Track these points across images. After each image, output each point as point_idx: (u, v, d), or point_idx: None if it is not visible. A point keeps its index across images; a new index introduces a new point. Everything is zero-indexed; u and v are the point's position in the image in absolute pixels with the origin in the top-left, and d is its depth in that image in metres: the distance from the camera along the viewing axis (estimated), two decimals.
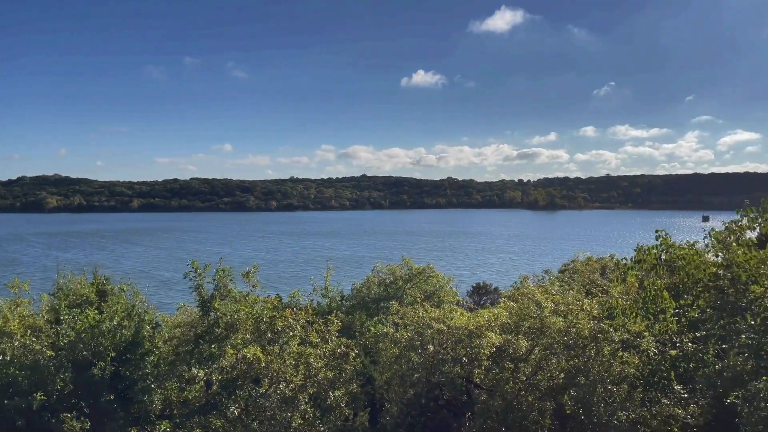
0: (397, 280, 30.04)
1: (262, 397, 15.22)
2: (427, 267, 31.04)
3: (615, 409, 17.44)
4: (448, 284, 31.38)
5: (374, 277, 30.87)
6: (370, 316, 26.45)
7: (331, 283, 30.40)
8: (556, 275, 37.95)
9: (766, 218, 15.68)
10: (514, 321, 20.05)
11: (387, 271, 30.90)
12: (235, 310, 16.13)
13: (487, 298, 57.14)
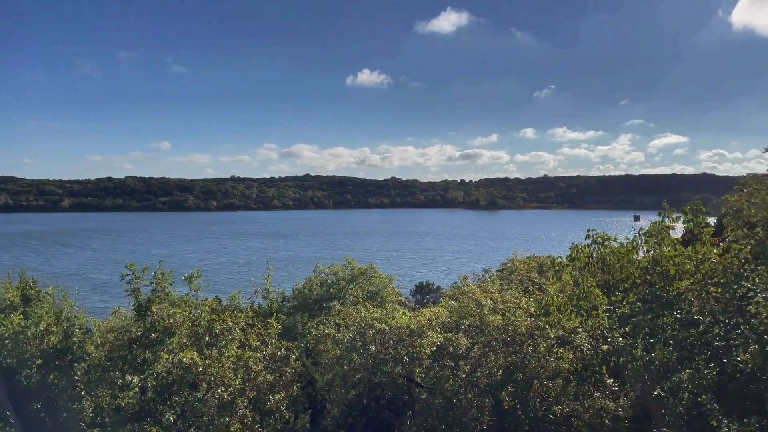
0: (339, 280, 29.99)
1: (200, 402, 14.86)
2: (369, 267, 31.12)
3: (550, 404, 17.99)
4: (390, 284, 31.56)
5: (316, 277, 30.71)
6: (312, 317, 26.30)
7: (272, 284, 30.05)
8: (496, 274, 38.78)
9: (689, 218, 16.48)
10: (454, 319, 20.38)
11: (329, 271, 30.81)
12: (171, 314, 15.67)
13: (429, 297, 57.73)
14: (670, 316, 11.98)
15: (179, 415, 14.48)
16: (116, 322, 23.32)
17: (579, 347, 19.10)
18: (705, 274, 11.58)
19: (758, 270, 11.04)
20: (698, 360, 11.51)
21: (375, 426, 18.39)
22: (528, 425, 17.43)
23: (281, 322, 22.48)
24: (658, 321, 12.32)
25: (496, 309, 20.25)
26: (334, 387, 19.07)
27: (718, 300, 11.15)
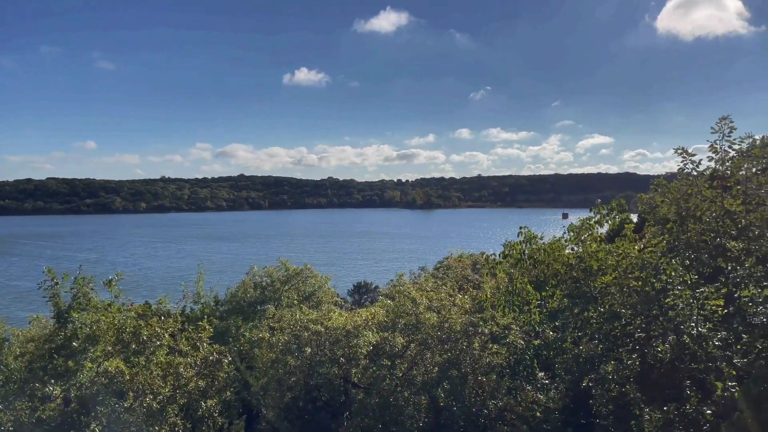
0: (274, 282, 29.54)
1: (127, 412, 14.24)
2: (305, 267, 30.82)
3: (485, 399, 18.33)
4: (326, 284, 31.37)
5: (250, 280, 30.13)
6: (246, 321, 25.77)
7: (205, 288, 29.26)
8: (432, 272, 39.25)
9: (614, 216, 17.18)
10: (390, 319, 20.44)
11: (263, 273, 30.30)
12: (94, 321, 14.95)
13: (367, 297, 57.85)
14: (595, 311, 12.44)
15: (105, 426, 13.82)
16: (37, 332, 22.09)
17: (512, 343, 19.59)
18: (626, 269, 12.10)
19: (672, 264, 11.62)
20: (621, 351, 12.00)
21: (311, 429, 18.20)
22: (463, 421, 17.70)
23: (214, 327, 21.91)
24: (584, 315, 12.77)
25: (431, 307, 20.46)
26: (269, 391, 18.74)
27: (638, 293, 11.66)
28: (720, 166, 12.03)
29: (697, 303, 11.40)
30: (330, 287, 32.18)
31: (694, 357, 11.16)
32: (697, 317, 11.23)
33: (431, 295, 20.82)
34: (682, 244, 11.70)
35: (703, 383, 11.54)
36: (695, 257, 11.74)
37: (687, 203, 11.71)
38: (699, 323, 11.22)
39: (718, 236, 11.44)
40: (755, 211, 11.29)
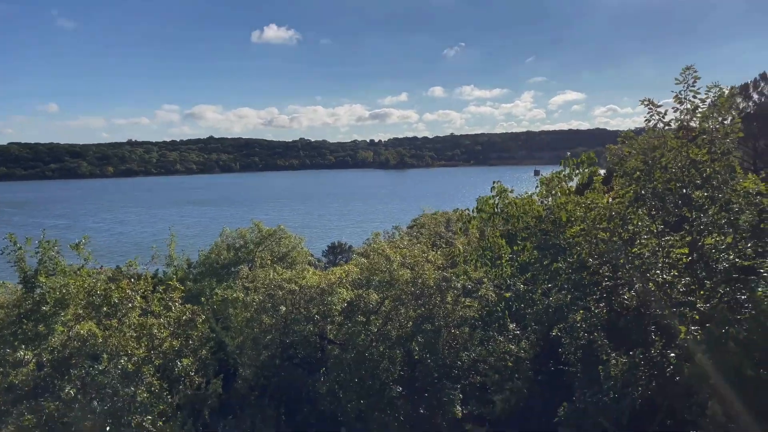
0: (247, 243, 29.40)
1: (101, 374, 14.19)
2: (278, 228, 30.69)
3: (458, 351, 18.74)
4: (300, 244, 31.33)
5: (223, 242, 29.93)
6: (219, 282, 25.70)
7: (177, 251, 28.99)
8: (406, 230, 39.46)
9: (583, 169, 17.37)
10: (365, 276, 20.58)
11: (236, 235, 30.10)
12: (63, 285, 14.72)
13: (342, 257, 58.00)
14: (564, 261, 12.68)
15: (79, 389, 13.77)
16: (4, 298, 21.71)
17: (484, 296, 19.95)
18: (594, 220, 12.30)
19: (639, 214, 11.86)
20: (590, 300, 12.30)
21: (287, 385, 18.44)
22: (437, 372, 18.11)
23: (188, 289, 21.82)
24: (554, 266, 13.01)
25: (405, 264, 20.64)
26: (245, 350, 18.87)
27: (605, 243, 11.90)
28: (685, 116, 12.16)
29: (662, 251, 11.69)
30: (304, 248, 32.17)
31: (659, 303, 11.50)
32: (662, 265, 11.53)
33: (405, 252, 20.96)
34: (648, 193, 11.91)
35: (667, 328, 11.92)
36: (661, 206, 11.97)
37: (653, 153, 11.87)
38: (664, 270, 11.53)
39: (683, 186, 11.66)
40: (719, 160, 11.50)
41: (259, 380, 17.92)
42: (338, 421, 17.34)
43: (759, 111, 42.59)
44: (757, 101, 44.92)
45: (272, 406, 16.67)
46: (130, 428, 13.90)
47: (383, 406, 17.21)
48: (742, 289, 10.32)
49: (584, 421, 11.12)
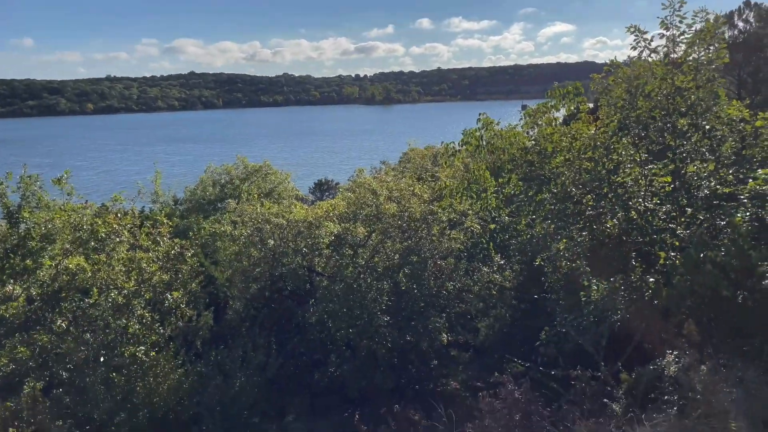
0: (233, 179, 29.26)
1: (92, 307, 14.38)
2: (264, 164, 30.50)
3: (444, 281, 19.15)
4: (286, 180, 31.25)
5: (208, 178, 29.74)
6: (207, 218, 25.71)
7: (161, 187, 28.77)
8: (392, 165, 39.38)
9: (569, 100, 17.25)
10: (351, 210, 20.71)
11: (222, 171, 29.90)
12: (48, 219, 14.67)
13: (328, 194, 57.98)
14: (548, 192, 12.80)
15: (71, 321, 13.98)
16: None
17: (469, 228, 20.21)
18: (578, 150, 12.35)
19: (622, 143, 11.92)
20: (572, 229, 12.50)
21: (277, 316, 18.83)
22: (423, 302, 18.57)
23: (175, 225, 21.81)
24: (538, 197, 13.14)
25: (391, 197, 20.75)
26: (234, 282, 19.13)
27: (589, 173, 12.00)
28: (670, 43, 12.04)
29: (645, 180, 11.82)
30: (290, 184, 32.10)
31: (641, 231, 11.73)
32: (645, 193, 11.68)
33: (391, 186, 21.03)
34: (632, 121, 11.93)
35: (648, 255, 12.22)
36: (645, 135, 12.02)
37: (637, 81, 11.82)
38: (646, 199, 11.70)
39: (667, 113, 11.68)
40: (704, 87, 11.48)
41: (249, 312, 18.26)
42: (327, 349, 17.83)
43: (744, 39, 42.21)
44: (743, 29, 44.46)
45: (263, 335, 17.07)
46: (124, 358, 14.24)
47: (371, 334, 17.69)
48: (722, 215, 10.52)
49: (564, 344, 11.55)
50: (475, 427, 9.14)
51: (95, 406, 12.90)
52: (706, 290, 8.89)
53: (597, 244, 13.27)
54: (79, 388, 13.00)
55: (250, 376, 15.27)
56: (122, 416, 12.98)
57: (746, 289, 9.02)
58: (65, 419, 12.75)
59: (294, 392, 17.70)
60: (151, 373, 14.46)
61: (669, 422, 7.95)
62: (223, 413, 14.40)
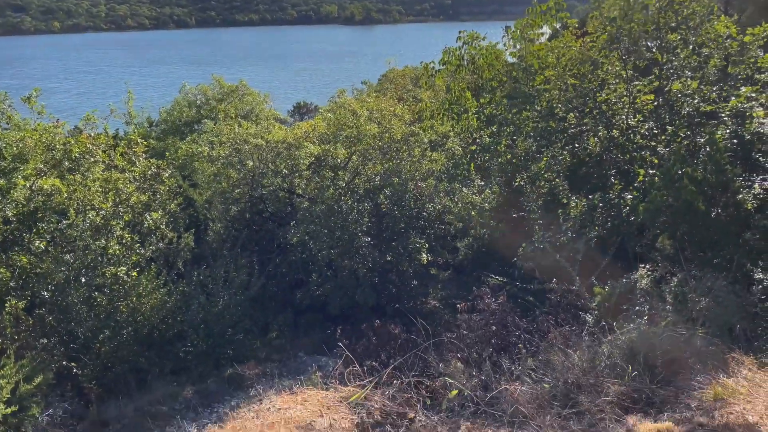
0: (209, 100, 28.47)
1: (70, 227, 14.24)
2: (240, 84, 29.64)
3: (424, 202, 19.24)
4: (264, 102, 30.52)
5: (183, 99, 28.89)
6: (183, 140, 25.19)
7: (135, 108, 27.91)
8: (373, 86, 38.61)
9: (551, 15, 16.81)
10: (332, 131, 20.40)
11: (197, 91, 29.02)
12: (20, 138, 14.26)
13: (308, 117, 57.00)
14: (532, 109, 12.70)
15: (50, 242, 13.87)
16: None
17: (450, 150, 20.13)
18: (565, 66, 12.17)
19: (610, 58, 11.76)
20: (554, 147, 12.51)
21: (258, 238, 18.88)
22: (404, 223, 18.70)
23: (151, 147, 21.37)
24: (522, 115, 13.05)
25: (372, 118, 20.43)
26: (214, 204, 19.01)
27: (575, 89, 11.89)
28: None
29: (629, 97, 11.75)
30: (269, 104, 31.39)
31: (622, 148, 11.77)
32: (628, 110, 11.65)
33: (371, 106, 20.66)
34: (624, 35, 11.70)
35: (627, 174, 12.34)
36: (634, 49, 11.84)
37: None
38: (629, 116, 11.67)
39: (658, 27, 11.47)
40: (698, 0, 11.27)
41: (230, 233, 18.27)
42: (309, 269, 18.04)
43: None
44: None
45: (244, 256, 17.16)
46: (105, 278, 14.25)
47: (352, 254, 17.86)
48: (703, 133, 10.58)
49: (542, 260, 11.81)
50: (453, 337, 9.44)
51: (79, 324, 13.01)
52: (682, 205, 9.05)
53: (577, 163, 13.36)
54: (62, 307, 13.05)
55: (233, 295, 15.43)
56: (106, 333, 13.12)
57: (720, 204, 9.20)
58: (49, 337, 12.88)
59: (277, 311, 18.03)
60: (133, 293, 14.53)
61: (639, 330, 8.27)
62: (207, 330, 14.63)
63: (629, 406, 6.82)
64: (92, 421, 11.01)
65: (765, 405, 6.16)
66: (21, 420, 10.19)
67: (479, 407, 7.53)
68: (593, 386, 7.16)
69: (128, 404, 12.15)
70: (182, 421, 9.93)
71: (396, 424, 7.46)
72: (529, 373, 7.90)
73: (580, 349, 8.09)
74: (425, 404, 8.19)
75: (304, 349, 16.28)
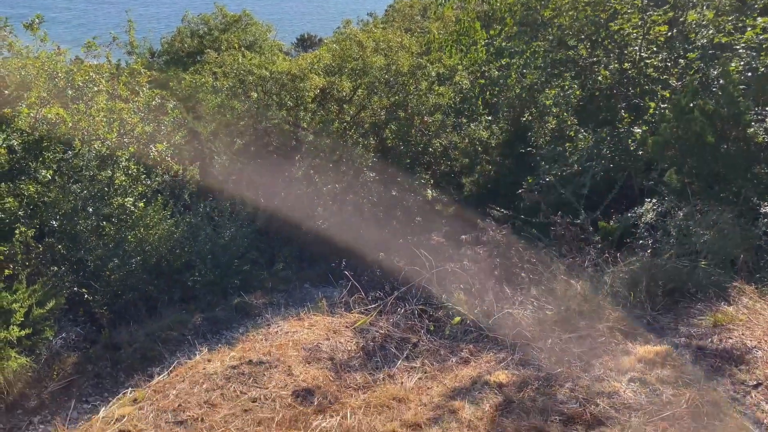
0: (212, 30, 27.81)
1: (76, 157, 14.22)
2: (243, 14, 28.88)
3: (430, 138, 19.09)
4: (269, 33, 29.82)
5: (186, 29, 28.23)
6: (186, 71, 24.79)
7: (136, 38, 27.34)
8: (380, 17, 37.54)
9: None
10: (337, 63, 19.99)
11: (199, 20, 28.31)
12: (21, 66, 14.05)
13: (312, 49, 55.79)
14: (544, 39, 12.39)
15: (56, 171, 13.88)
16: None
17: (458, 83, 19.78)
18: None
19: None
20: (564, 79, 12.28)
21: (263, 170, 18.87)
22: (410, 158, 18.63)
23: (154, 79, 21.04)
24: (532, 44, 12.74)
25: (378, 49, 19.97)
26: (219, 136, 18.89)
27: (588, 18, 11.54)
28: None
29: (643, 27, 11.42)
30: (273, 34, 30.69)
31: (633, 81, 11.55)
32: (641, 41, 11.35)
33: (377, 37, 20.15)
34: None
35: (638, 108, 12.15)
36: None
37: None
38: (642, 47, 11.39)
39: None
40: None
41: (235, 166, 18.23)
42: (314, 203, 18.12)
43: None
44: None
45: (249, 189, 17.20)
46: (112, 208, 14.34)
47: (357, 189, 17.89)
48: (716, 65, 10.32)
49: (547, 195, 11.80)
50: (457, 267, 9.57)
51: (88, 253, 13.19)
52: (691, 137, 8.94)
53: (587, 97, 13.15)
54: (71, 235, 13.19)
55: (239, 227, 15.56)
56: (115, 262, 13.31)
57: (731, 138, 9.10)
58: (59, 265, 13.09)
59: (282, 243, 18.22)
60: (141, 223, 14.64)
61: (641, 262, 8.35)
62: (214, 261, 14.83)
63: (629, 332, 6.97)
64: (104, 345, 11.30)
65: (764, 330, 6.30)
66: (35, 342, 10.49)
67: (482, 332, 7.72)
68: (594, 312, 7.31)
69: (139, 330, 12.44)
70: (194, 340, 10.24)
71: (400, 348, 7.67)
72: (531, 301, 8.06)
73: (582, 279, 8.20)
74: (428, 330, 8.40)
75: (310, 281, 16.55)
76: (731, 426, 4.91)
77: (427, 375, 6.79)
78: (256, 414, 5.96)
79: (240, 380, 6.82)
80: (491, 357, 7.00)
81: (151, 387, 7.27)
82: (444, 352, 7.44)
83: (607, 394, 5.68)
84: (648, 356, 6.27)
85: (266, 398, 6.36)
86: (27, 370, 9.59)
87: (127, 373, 9.64)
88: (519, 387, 6.02)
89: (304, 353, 7.53)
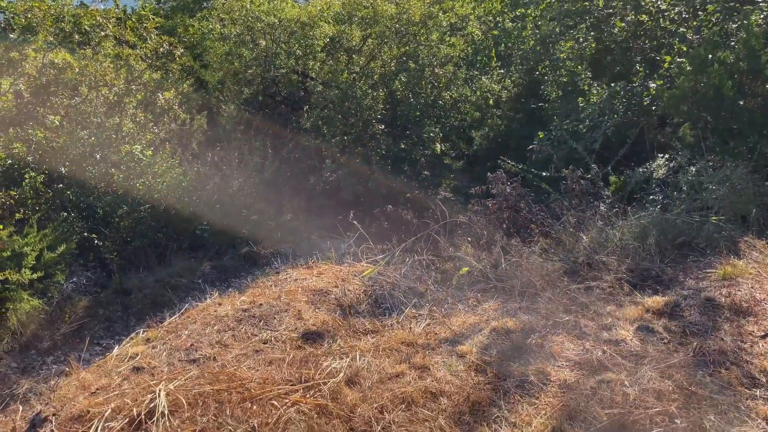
0: None
1: (83, 103, 14.14)
2: None
3: (441, 90, 18.80)
4: None
5: None
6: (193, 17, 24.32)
7: None
8: None
9: None
10: (347, 11, 19.56)
11: None
12: (27, 9, 13.82)
13: None
14: None
15: (64, 117, 13.82)
16: None
17: (470, 34, 19.37)
18: None
19: None
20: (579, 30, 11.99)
21: (272, 121, 18.73)
22: (419, 111, 18.39)
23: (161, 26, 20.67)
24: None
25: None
26: (227, 85, 18.69)
27: None
28: None
29: None
30: None
31: (649, 34, 11.27)
32: None
33: None
34: None
35: (653, 62, 11.90)
36: None
37: None
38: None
39: None
40: None
41: (243, 115, 18.08)
42: (322, 155, 18.04)
43: None
44: None
45: (258, 138, 17.11)
46: (120, 155, 14.33)
47: (366, 141, 17.76)
48: (736, 18, 10.05)
49: (558, 150, 11.69)
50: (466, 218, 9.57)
51: (97, 199, 13.26)
52: (709, 91, 8.77)
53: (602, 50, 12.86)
54: (80, 181, 13.23)
55: (247, 177, 15.56)
56: (124, 209, 13.38)
57: (749, 92, 8.92)
58: (69, 210, 13.17)
59: (290, 195, 18.23)
60: (149, 171, 14.66)
61: (652, 217, 8.32)
62: (222, 210, 14.88)
63: (638, 283, 7.00)
64: (115, 289, 11.47)
65: None
66: (47, 286, 10.65)
67: (489, 282, 7.77)
68: (603, 264, 7.33)
69: (149, 276, 12.62)
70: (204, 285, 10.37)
71: (408, 296, 7.74)
72: (540, 253, 8.08)
73: (591, 231, 8.19)
74: (436, 281, 8.46)
75: (318, 232, 16.63)
76: (737, 374, 4.97)
77: (435, 321, 6.87)
78: (267, 354, 6.07)
79: (251, 323, 6.92)
80: (499, 305, 7.06)
81: (164, 327, 7.40)
82: (452, 300, 7.51)
83: (614, 341, 5.75)
84: (656, 306, 6.31)
85: (276, 340, 6.47)
86: (39, 312, 9.77)
87: (137, 317, 9.82)
88: (526, 333, 6.09)
89: (314, 298, 7.62)
